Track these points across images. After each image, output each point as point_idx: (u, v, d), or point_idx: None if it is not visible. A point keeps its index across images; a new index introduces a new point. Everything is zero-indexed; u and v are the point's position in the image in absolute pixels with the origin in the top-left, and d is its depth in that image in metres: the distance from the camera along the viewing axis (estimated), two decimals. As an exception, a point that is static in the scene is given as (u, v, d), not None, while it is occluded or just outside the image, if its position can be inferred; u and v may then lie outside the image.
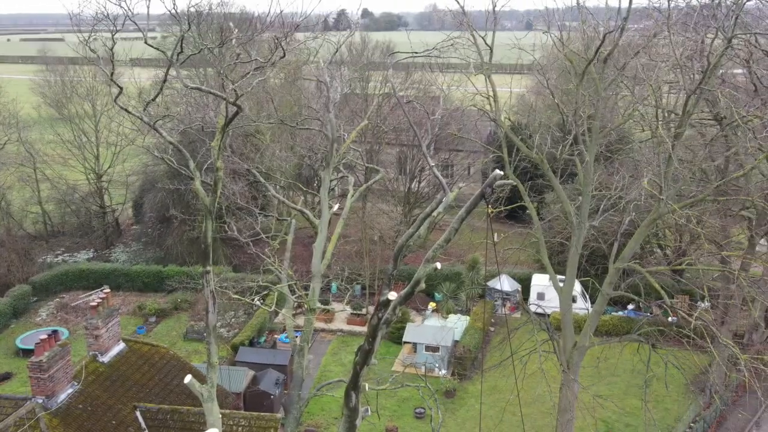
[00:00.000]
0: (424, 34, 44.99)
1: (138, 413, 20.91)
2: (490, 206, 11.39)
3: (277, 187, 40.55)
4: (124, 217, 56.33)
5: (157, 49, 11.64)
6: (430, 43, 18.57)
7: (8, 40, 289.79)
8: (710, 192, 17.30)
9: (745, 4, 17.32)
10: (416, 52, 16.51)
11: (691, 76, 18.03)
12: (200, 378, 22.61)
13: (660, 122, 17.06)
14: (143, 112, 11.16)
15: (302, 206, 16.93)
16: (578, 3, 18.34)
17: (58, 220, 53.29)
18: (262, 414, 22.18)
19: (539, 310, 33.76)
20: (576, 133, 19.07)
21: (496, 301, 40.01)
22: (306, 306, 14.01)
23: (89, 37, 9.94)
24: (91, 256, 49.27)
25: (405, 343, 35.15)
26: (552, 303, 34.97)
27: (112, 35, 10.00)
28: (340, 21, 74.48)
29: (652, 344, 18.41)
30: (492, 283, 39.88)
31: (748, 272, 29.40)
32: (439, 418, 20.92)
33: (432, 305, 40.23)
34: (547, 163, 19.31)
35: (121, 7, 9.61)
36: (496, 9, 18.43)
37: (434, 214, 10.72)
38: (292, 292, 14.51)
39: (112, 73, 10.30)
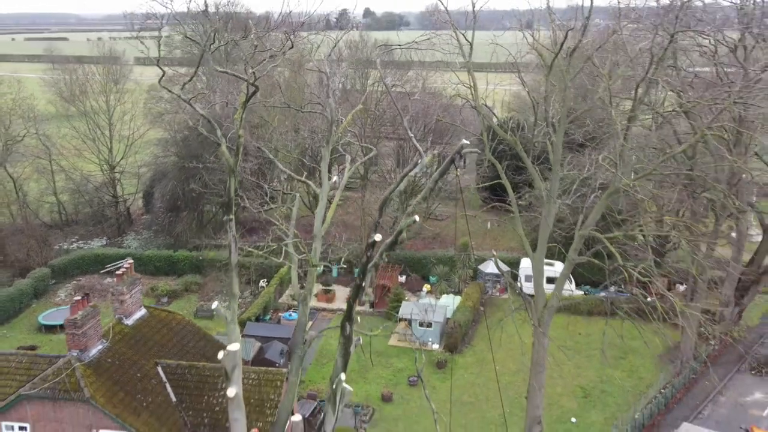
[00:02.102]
0: (422, 34, 47.59)
1: (159, 368, 23.61)
2: (458, 170, 13.93)
3: (283, 165, 44.21)
4: (134, 206, 58.95)
5: (194, 41, 14.21)
6: (421, 41, 21.26)
7: (12, 39, 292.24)
8: (656, 167, 19.91)
9: (686, 4, 19.92)
10: (400, 45, 19.16)
11: (644, 68, 20.59)
12: (216, 347, 25.55)
13: (613, 108, 19.66)
14: (181, 90, 13.76)
15: (305, 190, 19.46)
16: (548, 5, 21.01)
17: (72, 210, 55.77)
18: (269, 369, 24.91)
19: (527, 291, 36.27)
20: (547, 119, 21.67)
21: (486, 282, 42.67)
22: (310, 263, 16.56)
23: (137, 34, 12.44)
24: (104, 243, 51.88)
25: (400, 319, 37.78)
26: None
27: (159, 30, 12.62)
28: (342, 20, 77.11)
29: (611, 302, 20.93)
30: (483, 267, 42.66)
31: (713, 252, 32.11)
32: (422, 359, 23.38)
33: (427, 287, 42.89)
34: (520, 144, 21.92)
35: (166, 7, 12.23)
36: (476, 9, 21.12)
37: (411, 174, 13.29)
38: (298, 250, 17.10)
39: (158, 59, 12.90)
